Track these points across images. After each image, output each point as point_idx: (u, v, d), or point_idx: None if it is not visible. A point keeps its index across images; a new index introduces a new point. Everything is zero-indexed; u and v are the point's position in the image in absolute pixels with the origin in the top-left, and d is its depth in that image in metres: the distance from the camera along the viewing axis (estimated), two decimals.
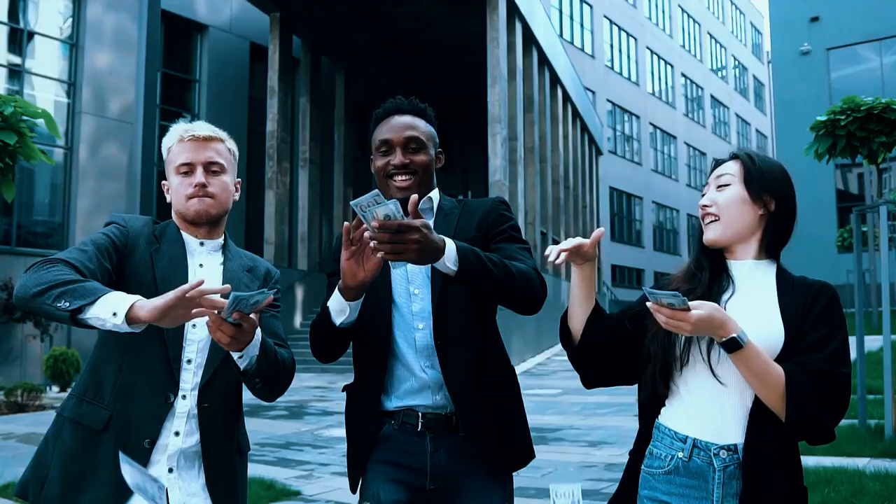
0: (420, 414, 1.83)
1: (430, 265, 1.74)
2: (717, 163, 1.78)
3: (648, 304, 1.51)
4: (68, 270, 1.59)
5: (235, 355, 1.63)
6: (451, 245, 1.65)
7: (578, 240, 1.64)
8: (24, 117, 3.74)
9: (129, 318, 1.48)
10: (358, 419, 1.91)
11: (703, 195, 1.75)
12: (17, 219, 13.38)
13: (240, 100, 17.86)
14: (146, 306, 1.48)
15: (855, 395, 6.51)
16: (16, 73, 13.61)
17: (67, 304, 1.51)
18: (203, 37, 17.13)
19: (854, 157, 5.61)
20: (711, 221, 1.69)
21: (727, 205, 1.67)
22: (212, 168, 1.84)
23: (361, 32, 17.52)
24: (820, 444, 1.54)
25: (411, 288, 1.90)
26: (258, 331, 1.64)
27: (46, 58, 14.13)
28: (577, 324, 1.74)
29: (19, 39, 13.70)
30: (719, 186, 1.70)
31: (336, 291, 1.77)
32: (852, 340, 6.62)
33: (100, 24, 14.56)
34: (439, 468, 1.83)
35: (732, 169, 1.71)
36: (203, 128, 1.87)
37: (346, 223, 1.66)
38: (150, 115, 11.92)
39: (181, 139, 1.84)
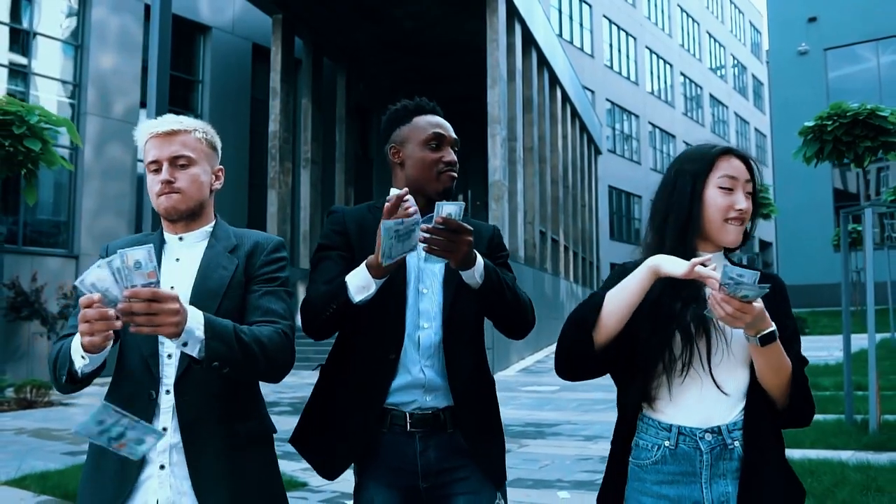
0: (408, 414, 1.84)
1: (441, 267, 1.89)
2: (728, 151, 1.70)
3: (716, 293, 1.47)
4: (60, 343, 1.69)
5: (178, 343, 1.55)
6: (480, 259, 1.76)
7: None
8: (47, 125, 3.93)
9: (88, 351, 1.55)
10: (354, 409, 1.87)
11: (721, 186, 1.67)
12: (23, 218, 13.57)
13: (242, 100, 18.03)
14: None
15: (842, 392, 6.72)
16: (22, 75, 13.80)
17: (63, 376, 1.64)
18: (206, 38, 17.30)
19: (841, 160, 5.82)
20: (739, 226, 1.67)
21: (749, 214, 1.69)
22: (178, 162, 1.81)
23: (362, 33, 17.69)
24: (802, 427, 1.67)
25: (420, 287, 1.91)
26: (196, 311, 1.57)
27: (52, 59, 14.32)
28: (615, 326, 1.61)
29: (25, 41, 13.88)
30: (748, 193, 1.69)
31: (363, 268, 1.77)
32: (840, 339, 6.82)
33: (104, 25, 14.75)
34: (430, 466, 1.84)
35: (750, 177, 1.70)
36: (166, 122, 1.83)
37: (395, 196, 1.69)
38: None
39: (147, 137, 1.84)
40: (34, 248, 13.45)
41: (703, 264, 1.53)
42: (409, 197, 1.73)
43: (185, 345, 1.55)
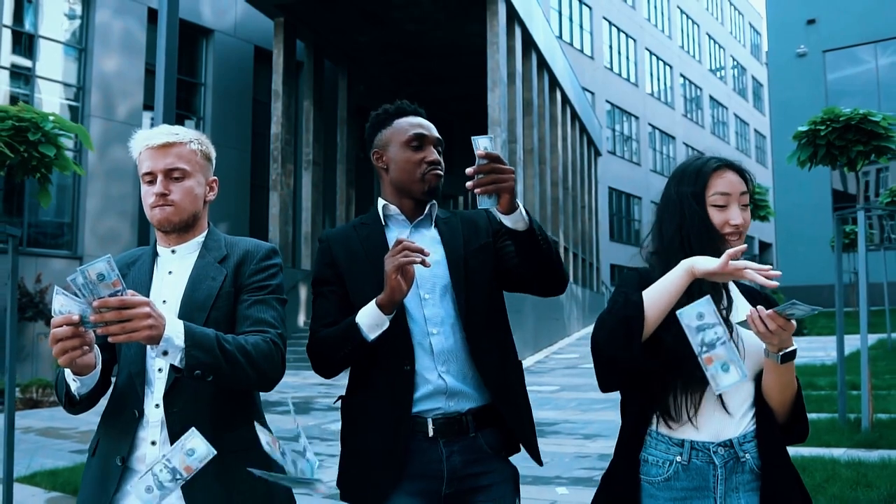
0: (430, 420, 1.82)
1: (443, 268, 1.88)
2: (714, 170, 1.70)
3: (757, 310, 1.48)
4: (60, 369, 1.72)
5: (158, 351, 1.55)
6: (520, 204, 1.75)
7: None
8: (61, 132, 4.05)
9: (76, 373, 1.61)
10: (380, 426, 1.83)
11: (714, 205, 1.68)
12: (27, 219, 13.69)
13: (244, 103, 18.16)
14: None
15: (836, 391, 6.85)
16: (26, 78, 13.92)
17: (63, 399, 1.72)
18: (208, 41, 17.43)
19: (834, 164, 5.94)
20: (737, 240, 1.66)
21: (746, 226, 1.68)
22: (173, 175, 1.80)
23: (364, 35, 17.81)
24: (797, 444, 1.69)
25: (421, 293, 1.88)
26: (176, 321, 1.58)
27: (56, 62, 14.45)
28: (651, 328, 1.57)
29: (30, 44, 14.01)
30: (743, 205, 1.69)
31: (373, 307, 1.76)
32: (828, 340, 6.95)
33: (108, 28, 14.88)
34: (455, 472, 1.82)
35: (746, 188, 1.70)
36: (161, 135, 1.82)
37: (403, 245, 1.70)
38: (168, 121, 12.36)
39: (141, 148, 1.83)
40: (38, 250, 13.57)
41: (736, 256, 1.50)
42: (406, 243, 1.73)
43: (165, 354, 1.55)
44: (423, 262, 1.71)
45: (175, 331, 1.55)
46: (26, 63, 13.92)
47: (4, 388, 10.18)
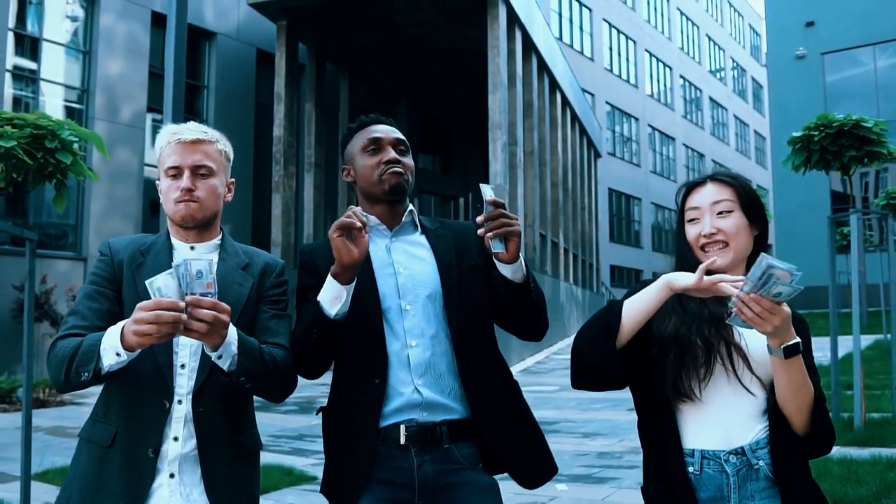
0: (403, 427, 1.79)
1: (427, 280, 1.88)
2: (691, 187, 1.75)
3: (742, 293, 1.42)
4: (71, 342, 1.67)
5: (214, 355, 1.60)
6: (521, 256, 1.77)
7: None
8: (76, 139, 4.19)
9: (128, 349, 1.56)
10: (350, 440, 1.83)
11: (689, 220, 1.72)
12: (31, 221, 13.81)
13: (247, 105, 18.27)
14: (128, 333, 1.53)
15: (830, 391, 6.98)
16: (31, 80, 14.05)
17: (86, 373, 1.60)
18: (211, 44, 17.56)
19: (828, 169, 6.07)
20: (720, 248, 1.66)
21: (736, 232, 1.66)
22: (199, 171, 1.82)
23: (365, 38, 17.94)
24: (824, 455, 1.64)
25: (402, 303, 1.86)
26: (234, 329, 1.62)
27: (60, 65, 14.58)
28: (627, 335, 1.60)
29: (34, 47, 14.14)
30: (720, 213, 1.67)
31: (329, 280, 1.76)
32: (826, 340, 7.08)
33: (112, 31, 15.01)
34: (426, 482, 1.79)
35: (727, 194, 1.69)
36: (191, 130, 1.84)
37: (351, 210, 1.73)
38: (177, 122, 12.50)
39: (169, 142, 1.83)
40: (43, 251, 13.67)
41: (711, 272, 1.50)
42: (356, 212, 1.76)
43: (219, 357, 1.61)
44: (360, 230, 1.71)
45: (232, 337, 1.63)
46: (31, 66, 14.05)
47: (15, 386, 10.34)
